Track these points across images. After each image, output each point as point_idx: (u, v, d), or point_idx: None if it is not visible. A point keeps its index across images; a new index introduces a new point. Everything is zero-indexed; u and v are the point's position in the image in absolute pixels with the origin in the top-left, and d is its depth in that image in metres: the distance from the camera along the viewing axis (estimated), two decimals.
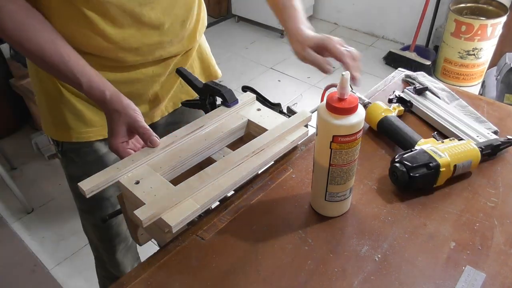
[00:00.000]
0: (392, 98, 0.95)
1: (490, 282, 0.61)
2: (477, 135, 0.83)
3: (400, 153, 0.75)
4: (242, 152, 0.75)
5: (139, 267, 0.65)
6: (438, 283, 0.61)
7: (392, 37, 3.35)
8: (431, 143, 0.78)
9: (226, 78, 2.99)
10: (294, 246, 0.66)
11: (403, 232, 0.68)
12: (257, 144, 0.76)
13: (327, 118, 0.60)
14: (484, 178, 0.78)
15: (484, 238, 0.67)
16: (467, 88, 2.76)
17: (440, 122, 0.88)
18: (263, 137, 0.78)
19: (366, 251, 0.65)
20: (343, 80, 0.58)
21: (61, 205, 2.06)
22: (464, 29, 2.58)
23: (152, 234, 0.78)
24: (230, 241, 0.68)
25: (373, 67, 3.01)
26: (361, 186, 0.77)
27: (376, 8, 3.30)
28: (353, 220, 0.71)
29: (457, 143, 0.77)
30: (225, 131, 0.81)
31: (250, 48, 3.35)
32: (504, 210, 0.71)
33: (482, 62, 2.72)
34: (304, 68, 3.04)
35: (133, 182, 0.70)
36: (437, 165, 0.72)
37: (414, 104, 0.93)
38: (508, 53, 2.10)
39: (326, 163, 0.64)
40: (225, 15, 3.82)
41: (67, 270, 1.76)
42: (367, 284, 0.61)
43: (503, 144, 0.81)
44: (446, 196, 0.74)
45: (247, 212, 0.73)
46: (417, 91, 0.95)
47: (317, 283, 0.61)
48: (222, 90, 0.84)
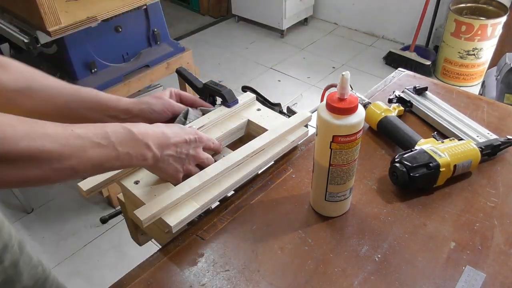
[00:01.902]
0: (392, 98, 0.95)
1: (490, 282, 0.61)
2: (477, 135, 0.83)
3: (400, 153, 0.75)
4: (242, 152, 0.75)
5: (139, 267, 0.65)
6: (438, 283, 0.61)
7: (392, 37, 3.35)
8: (431, 143, 0.78)
9: (226, 78, 2.99)
10: (294, 246, 0.66)
11: (403, 232, 0.68)
12: (257, 144, 0.76)
13: (327, 118, 0.60)
14: (484, 178, 0.78)
15: (484, 238, 0.67)
16: (467, 88, 2.76)
17: (440, 122, 0.88)
18: (263, 137, 0.78)
19: (366, 251, 0.65)
20: (343, 80, 0.58)
21: (61, 205, 2.06)
22: (464, 29, 2.58)
23: (152, 234, 0.78)
24: (230, 241, 0.68)
25: (373, 67, 3.01)
26: (361, 186, 0.77)
27: (376, 8, 3.30)
28: (353, 220, 0.71)
29: (457, 143, 0.77)
30: (225, 131, 0.81)
31: (250, 48, 3.35)
32: (504, 210, 0.71)
33: (482, 62, 2.72)
34: (304, 68, 3.05)
35: (133, 182, 0.70)
36: (437, 165, 0.72)
37: (414, 104, 0.93)
38: (508, 53, 2.10)
39: (326, 163, 0.64)
40: (225, 15, 3.82)
41: (67, 270, 1.76)
42: (367, 284, 0.61)
43: (503, 144, 0.81)
44: (446, 196, 0.74)
45: (247, 212, 0.73)
46: (417, 91, 0.95)
47: (317, 283, 0.61)
48: (222, 90, 0.84)
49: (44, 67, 1.80)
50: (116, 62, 1.81)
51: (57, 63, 1.74)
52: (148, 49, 1.89)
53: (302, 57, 3.20)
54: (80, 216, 2.01)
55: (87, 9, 1.55)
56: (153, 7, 1.81)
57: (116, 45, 1.78)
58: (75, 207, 2.06)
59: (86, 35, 1.64)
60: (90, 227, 1.95)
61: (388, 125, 0.84)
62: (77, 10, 1.55)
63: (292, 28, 3.49)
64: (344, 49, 3.25)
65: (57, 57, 1.69)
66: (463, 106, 0.96)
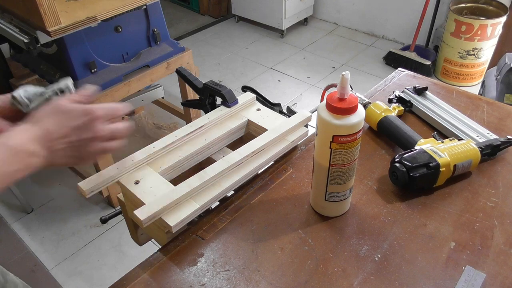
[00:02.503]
0: (392, 98, 0.95)
1: (490, 282, 0.61)
2: (477, 135, 0.83)
3: (400, 153, 0.75)
4: (242, 152, 0.75)
5: (139, 267, 0.65)
6: (438, 283, 0.61)
7: (392, 37, 3.35)
8: (431, 143, 0.78)
9: (226, 78, 2.99)
10: (294, 246, 0.66)
11: (403, 232, 0.68)
12: (257, 144, 0.76)
13: (327, 118, 0.60)
14: (484, 178, 0.78)
15: (484, 238, 0.67)
16: (467, 88, 2.76)
17: (440, 122, 0.88)
18: (263, 137, 0.78)
19: (366, 251, 0.65)
20: (343, 80, 0.58)
21: (61, 205, 2.06)
22: (464, 29, 2.58)
23: (152, 234, 0.78)
24: (230, 241, 0.68)
25: (373, 67, 3.01)
26: (361, 186, 0.77)
27: (376, 8, 3.30)
28: (353, 220, 0.71)
29: (457, 143, 0.77)
30: (225, 131, 0.81)
31: (250, 48, 3.35)
32: (504, 210, 0.71)
33: (482, 62, 2.72)
34: (304, 68, 3.05)
35: (133, 182, 0.70)
36: (437, 165, 0.72)
37: (414, 104, 0.93)
38: (508, 53, 2.10)
39: (326, 163, 0.64)
40: (225, 15, 3.82)
41: (67, 270, 1.76)
42: (367, 284, 0.61)
43: (503, 144, 0.81)
44: (446, 196, 0.74)
45: (247, 212, 0.73)
46: (417, 91, 0.95)
47: (317, 283, 0.61)
48: (222, 90, 0.84)
49: (44, 67, 1.80)
50: (116, 62, 1.81)
51: (57, 63, 1.74)
52: (148, 49, 1.89)
53: (302, 57, 3.20)
54: (80, 216, 2.01)
55: (87, 9, 1.55)
56: (153, 7, 1.81)
57: (116, 45, 1.78)
58: (75, 207, 2.06)
59: (86, 35, 1.64)
60: (90, 227, 1.95)
61: (388, 125, 0.84)
62: (77, 10, 1.55)
63: (292, 28, 3.49)
64: (344, 49, 3.25)
65: (57, 57, 1.69)
66: (463, 106, 0.96)
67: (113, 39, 1.76)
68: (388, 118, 0.85)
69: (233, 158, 0.73)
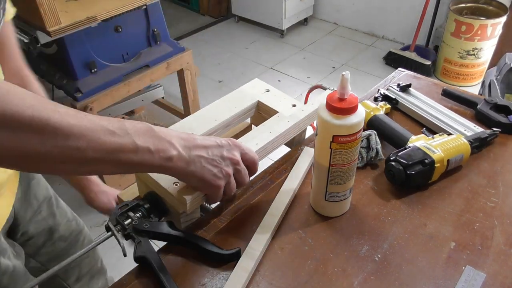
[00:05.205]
0: (377, 96, 0.94)
1: (490, 282, 0.61)
2: (465, 129, 0.84)
3: (394, 152, 0.75)
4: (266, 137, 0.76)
5: (139, 267, 0.65)
6: (438, 283, 0.61)
7: (392, 37, 3.35)
8: (422, 139, 0.78)
9: (226, 78, 2.99)
10: (294, 246, 0.66)
11: (403, 232, 0.68)
12: (280, 129, 0.77)
13: (327, 118, 0.60)
14: (484, 178, 0.78)
15: (484, 238, 0.67)
16: (467, 88, 2.76)
17: (428, 118, 0.88)
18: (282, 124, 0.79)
19: (366, 251, 0.65)
20: (343, 80, 0.58)
21: None
22: (464, 29, 2.58)
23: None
24: (230, 241, 0.68)
25: (373, 67, 3.01)
26: (361, 186, 0.77)
27: (376, 8, 3.30)
28: (353, 220, 0.71)
29: (447, 138, 0.78)
30: (234, 112, 0.82)
31: (250, 48, 3.35)
32: (504, 210, 0.71)
33: (482, 62, 2.72)
34: (304, 68, 3.05)
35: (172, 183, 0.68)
36: (432, 162, 0.73)
37: (399, 101, 0.93)
38: (508, 53, 2.10)
39: (326, 163, 0.64)
40: (225, 15, 3.83)
41: None
42: (367, 284, 0.61)
43: (490, 136, 0.82)
44: (446, 196, 0.74)
45: (247, 212, 0.72)
46: (401, 88, 0.95)
47: (317, 283, 0.61)
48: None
49: (44, 67, 1.80)
50: (116, 62, 1.81)
51: (57, 63, 1.74)
52: (148, 49, 1.90)
53: (302, 57, 3.20)
54: (80, 216, 2.00)
55: (87, 9, 1.56)
56: (153, 7, 1.81)
57: (116, 45, 1.78)
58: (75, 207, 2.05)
59: (86, 35, 1.64)
60: (91, 227, 1.95)
61: (378, 124, 0.84)
62: (77, 10, 1.55)
63: (292, 28, 3.50)
64: (344, 49, 3.25)
65: (57, 57, 1.70)
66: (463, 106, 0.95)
67: (113, 39, 1.76)
68: (377, 117, 0.85)
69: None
